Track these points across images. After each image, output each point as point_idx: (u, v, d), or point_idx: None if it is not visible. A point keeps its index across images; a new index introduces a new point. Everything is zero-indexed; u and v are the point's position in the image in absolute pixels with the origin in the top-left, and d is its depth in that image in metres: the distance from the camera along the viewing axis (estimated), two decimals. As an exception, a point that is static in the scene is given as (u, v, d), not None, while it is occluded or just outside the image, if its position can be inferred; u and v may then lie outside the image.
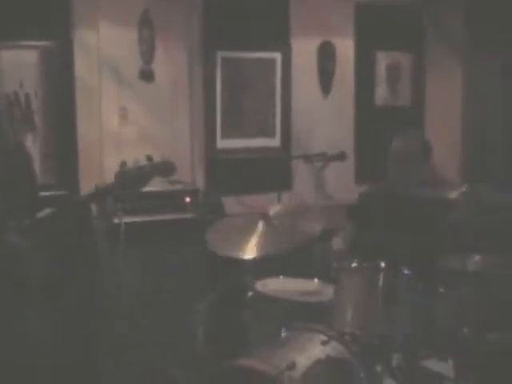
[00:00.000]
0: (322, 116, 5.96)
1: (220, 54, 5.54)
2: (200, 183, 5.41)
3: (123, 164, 2.81)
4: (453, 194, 3.28)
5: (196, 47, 5.47)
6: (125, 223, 4.49)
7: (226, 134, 5.60)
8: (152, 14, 5.21)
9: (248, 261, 3.52)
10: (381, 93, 6.23)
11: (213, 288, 3.95)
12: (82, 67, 5.05)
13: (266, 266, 3.80)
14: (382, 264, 2.96)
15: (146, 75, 5.25)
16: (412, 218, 3.63)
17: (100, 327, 4.45)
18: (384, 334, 2.93)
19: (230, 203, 5.28)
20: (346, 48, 6.05)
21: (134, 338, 4.34)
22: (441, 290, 3.05)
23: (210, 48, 5.50)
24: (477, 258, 3.30)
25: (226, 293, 3.91)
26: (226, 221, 4.13)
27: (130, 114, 5.20)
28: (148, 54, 5.25)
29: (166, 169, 2.83)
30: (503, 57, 5.71)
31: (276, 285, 3.70)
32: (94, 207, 4.77)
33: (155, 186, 4.78)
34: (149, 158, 2.83)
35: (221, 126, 5.57)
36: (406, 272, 2.94)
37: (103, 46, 5.09)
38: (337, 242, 3.86)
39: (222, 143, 5.60)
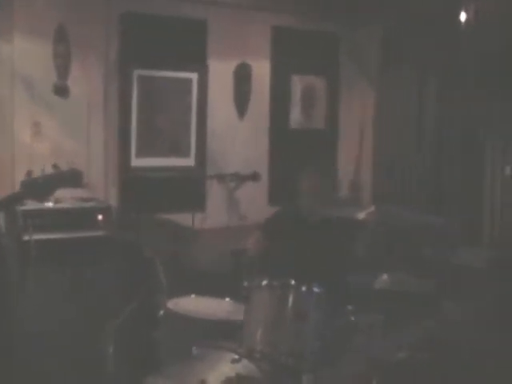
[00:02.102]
0: (238, 137, 6.01)
1: (137, 73, 5.52)
2: (113, 201, 5.36)
3: (29, 173, 2.76)
4: (361, 215, 3.37)
5: (113, 64, 5.44)
6: (35, 240, 4.41)
7: (140, 153, 5.58)
8: (68, 29, 5.16)
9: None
10: (295, 115, 6.33)
11: (125, 306, 3.91)
12: (-5, 80, 4.97)
13: (178, 284, 3.81)
14: (292, 282, 3.00)
15: (61, 90, 5.19)
16: (322, 237, 3.69)
17: (9, 346, 4.33)
18: (294, 352, 2.96)
19: (145, 222, 5.25)
20: (262, 70, 6.13)
21: (44, 356, 4.24)
22: (349, 308, 3.11)
23: (127, 66, 5.49)
24: (385, 276, 3.38)
25: (138, 311, 3.88)
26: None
27: (43, 129, 5.12)
28: (63, 69, 5.20)
29: (73, 177, 2.79)
30: (418, 81, 5.89)
31: (188, 303, 3.69)
32: (2, 224, 4.66)
33: (67, 202, 4.72)
34: (55, 167, 2.78)
35: (135, 144, 5.55)
36: (315, 290, 2.99)
37: (17, 59, 5.01)
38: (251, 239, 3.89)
39: (136, 161, 5.57)
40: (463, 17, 5.47)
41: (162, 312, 3.56)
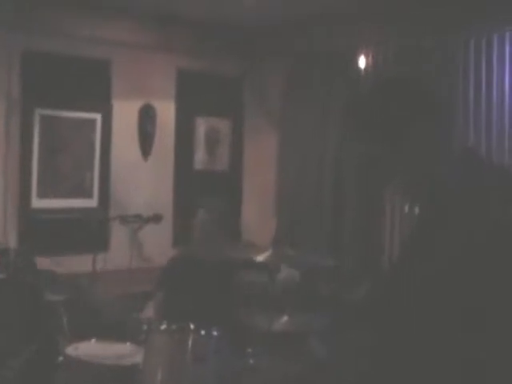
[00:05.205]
0: (142, 178, 5.98)
1: (38, 112, 5.45)
2: (13, 243, 5.22)
3: None
4: (260, 257, 3.41)
5: (14, 103, 5.34)
6: None
7: (41, 194, 5.48)
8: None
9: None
10: (200, 157, 6.36)
11: (23, 351, 3.80)
12: None
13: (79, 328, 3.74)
14: (191, 326, 3.00)
15: (-42, 130, 5.06)
16: (219, 280, 3.72)
17: None
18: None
19: (45, 264, 5.13)
20: (166, 112, 6.15)
21: None
22: (249, 350, 3.12)
23: (29, 105, 5.40)
24: (285, 318, 3.42)
25: (36, 356, 3.79)
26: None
27: None
28: (-39, 109, 5.07)
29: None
30: (320, 121, 6.01)
31: (88, 348, 3.62)
32: None
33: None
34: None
35: (37, 185, 5.44)
36: (214, 333, 3.00)
37: None
38: (147, 311, 3.89)
39: (37, 202, 5.46)
40: (362, 59, 5.67)
41: (61, 357, 3.48)
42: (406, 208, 5.21)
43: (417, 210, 2.39)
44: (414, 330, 2.02)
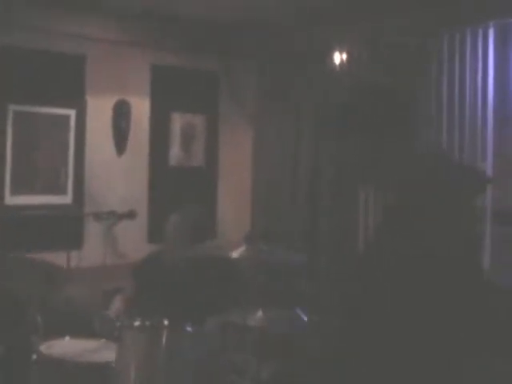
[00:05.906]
0: (116, 174, 5.95)
1: (12, 108, 5.40)
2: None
3: None
4: (234, 254, 3.41)
5: (-14, 99, 5.30)
6: None
7: (15, 191, 5.43)
8: None
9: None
10: (175, 153, 6.33)
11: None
12: None
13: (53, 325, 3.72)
14: (165, 322, 3.00)
15: None
16: (195, 277, 3.73)
17: None
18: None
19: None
20: (141, 107, 6.12)
21: None
22: (224, 346, 3.13)
23: (2, 101, 5.35)
24: (259, 313, 3.43)
25: (10, 355, 3.77)
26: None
27: None
28: None
29: None
30: (294, 117, 6.02)
31: (62, 346, 3.61)
32: None
33: None
34: None
35: (10, 181, 5.40)
36: (189, 329, 3.00)
37: None
38: (116, 302, 3.90)
39: (11, 200, 5.41)
40: (337, 58, 5.68)
41: (34, 356, 3.46)
42: (381, 204, 5.23)
43: (391, 205, 2.44)
44: (387, 315, 2.07)
